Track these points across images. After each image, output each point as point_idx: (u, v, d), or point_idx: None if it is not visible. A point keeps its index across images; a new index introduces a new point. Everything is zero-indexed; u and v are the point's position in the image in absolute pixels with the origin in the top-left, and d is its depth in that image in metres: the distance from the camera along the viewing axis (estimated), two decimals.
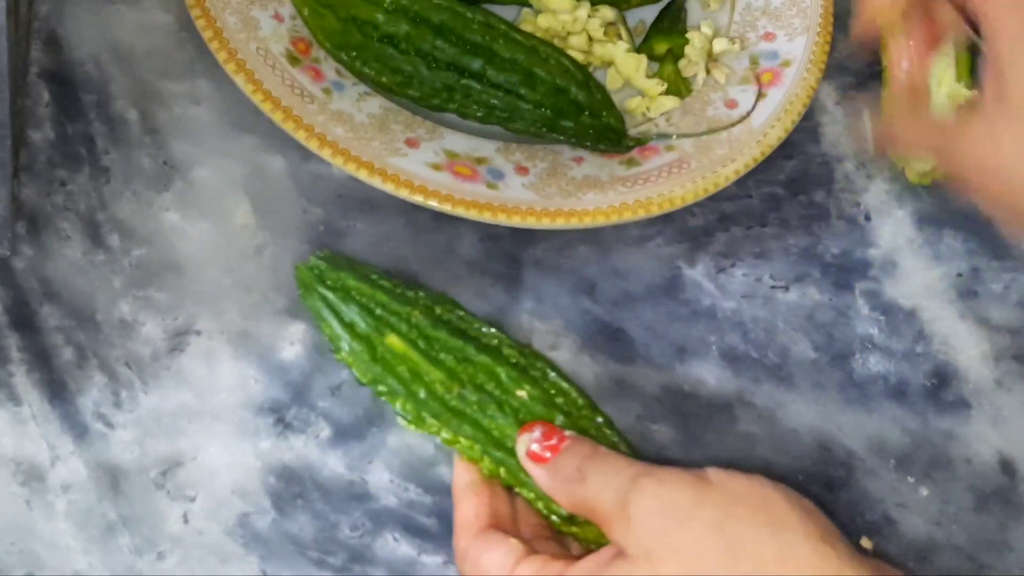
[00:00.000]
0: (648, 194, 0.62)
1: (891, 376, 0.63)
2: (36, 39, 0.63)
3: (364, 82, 0.63)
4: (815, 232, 0.66)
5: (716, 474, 0.49)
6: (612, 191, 0.62)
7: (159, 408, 0.57)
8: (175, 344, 0.58)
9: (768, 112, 0.65)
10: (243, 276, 0.60)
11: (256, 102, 0.60)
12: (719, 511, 0.48)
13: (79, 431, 0.55)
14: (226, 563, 0.54)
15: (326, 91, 0.62)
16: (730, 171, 0.63)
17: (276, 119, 0.60)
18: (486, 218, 0.60)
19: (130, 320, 0.58)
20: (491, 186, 0.61)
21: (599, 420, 0.55)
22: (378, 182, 0.59)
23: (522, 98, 0.63)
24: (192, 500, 0.55)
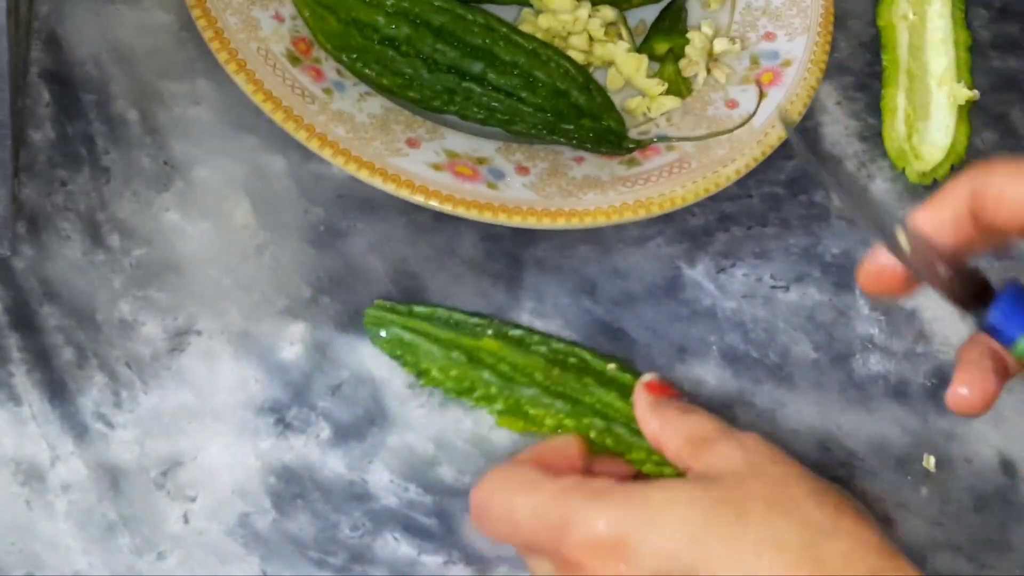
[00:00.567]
0: (648, 194, 0.62)
1: (891, 376, 0.62)
2: (36, 39, 0.63)
3: (365, 83, 0.63)
4: (815, 232, 0.66)
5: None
6: (612, 191, 0.62)
7: (159, 408, 0.56)
8: (175, 344, 0.58)
9: (769, 112, 0.65)
10: (243, 276, 0.60)
11: (257, 102, 0.60)
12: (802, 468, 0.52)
13: (79, 431, 0.55)
14: (226, 563, 0.54)
15: (327, 91, 0.62)
16: (730, 171, 0.63)
17: (277, 119, 0.60)
18: (486, 218, 0.60)
19: (130, 320, 0.58)
20: (491, 186, 0.61)
21: None
22: (379, 182, 0.59)
23: (523, 101, 0.63)
24: (192, 500, 0.55)
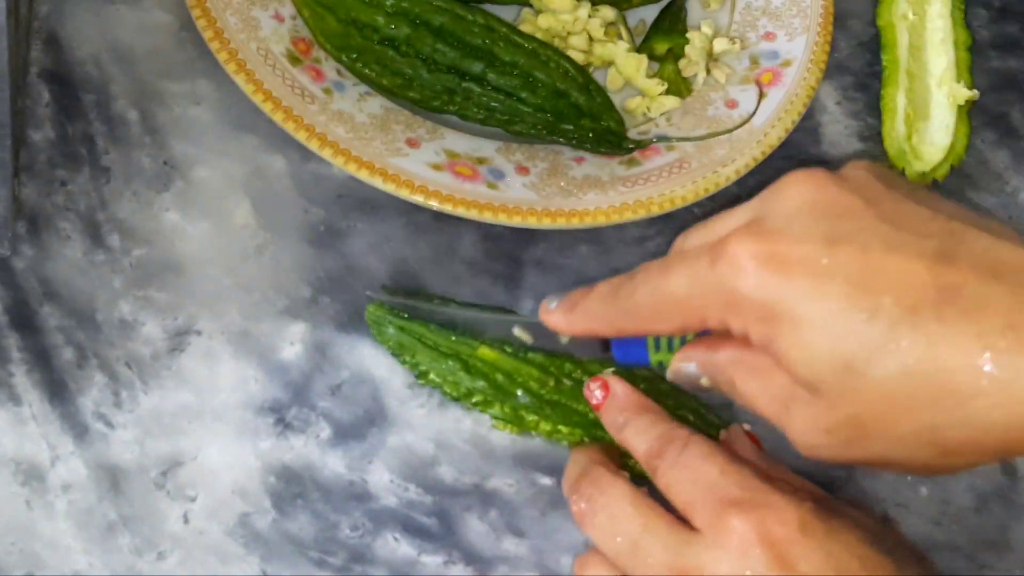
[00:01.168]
0: (648, 194, 0.62)
1: None
2: (36, 39, 0.63)
3: (365, 83, 0.63)
4: None
5: None
6: (612, 191, 0.62)
7: (159, 408, 0.56)
8: (175, 344, 0.58)
9: (768, 112, 0.65)
10: (243, 276, 0.60)
11: (257, 102, 0.60)
12: None
13: (79, 431, 0.55)
14: (226, 563, 0.54)
15: (327, 91, 0.62)
16: (730, 171, 0.63)
17: (277, 119, 0.60)
18: (486, 218, 0.60)
19: (130, 320, 0.58)
20: (491, 186, 0.61)
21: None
22: (379, 182, 0.59)
23: (522, 101, 0.63)
24: (192, 500, 0.55)
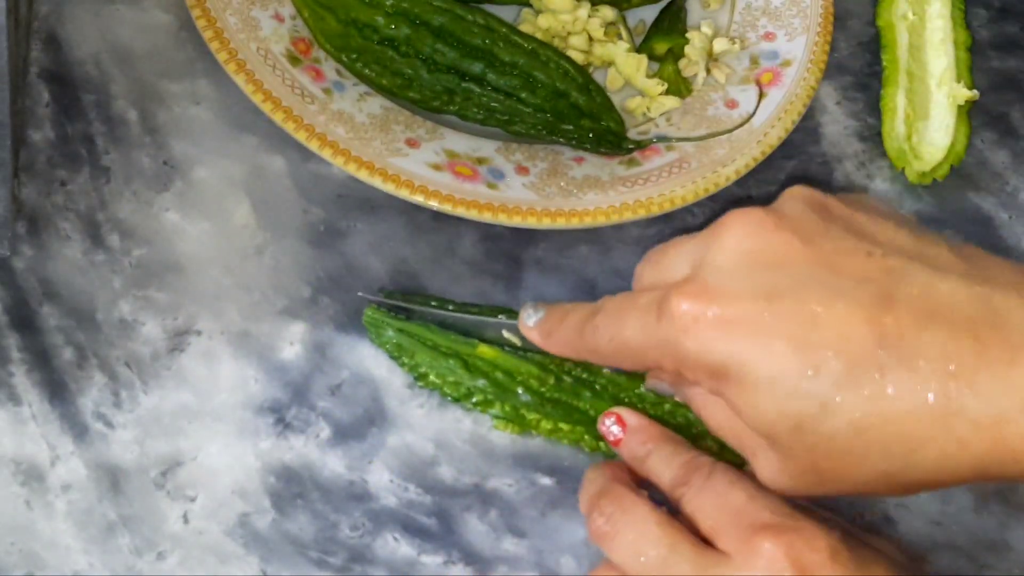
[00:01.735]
0: (648, 194, 0.62)
1: None
2: (36, 39, 0.63)
3: (365, 83, 0.63)
4: None
5: None
6: (612, 191, 0.62)
7: (159, 408, 0.56)
8: (175, 344, 0.58)
9: (768, 112, 0.65)
10: (243, 276, 0.60)
11: (256, 102, 0.60)
12: None
13: (79, 431, 0.55)
14: (226, 563, 0.54)
15: (327, 91, 0.62)
16: (730, 171, 0.63)
17: (277, 119, 0.60)
18: (486, 218, 0.60)
19: (130, 320, 0.58)
20: (491, 186, 0.61)
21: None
22: (378, 182, 0.59)
23: (522, 102, 0.63)
24: (192, 500, 0.55)
